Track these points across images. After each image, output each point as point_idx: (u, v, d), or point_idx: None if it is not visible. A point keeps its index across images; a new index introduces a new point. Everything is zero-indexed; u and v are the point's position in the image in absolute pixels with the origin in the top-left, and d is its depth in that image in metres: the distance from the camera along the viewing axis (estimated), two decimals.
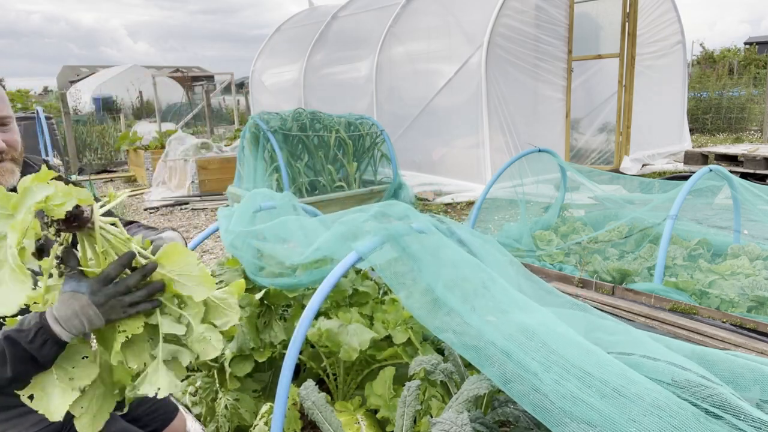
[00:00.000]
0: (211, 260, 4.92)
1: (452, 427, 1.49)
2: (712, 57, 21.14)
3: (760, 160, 7.23)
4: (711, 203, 4.46)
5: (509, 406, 1.69)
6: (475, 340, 1.29)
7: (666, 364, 1.21)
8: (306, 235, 2.07)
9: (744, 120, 13.27)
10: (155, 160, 8.95)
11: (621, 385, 1.10)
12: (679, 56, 9.42)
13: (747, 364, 1.27)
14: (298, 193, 6.20)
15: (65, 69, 47.87)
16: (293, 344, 1.56)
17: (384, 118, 8.61)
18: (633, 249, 4.06)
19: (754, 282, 3.24)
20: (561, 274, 3.81)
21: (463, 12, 8.10)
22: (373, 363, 2.26)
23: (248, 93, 15.27)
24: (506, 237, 4.54)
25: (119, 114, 18.61)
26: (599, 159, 8.86)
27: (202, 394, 2.32)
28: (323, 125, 6.56)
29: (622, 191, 5.19)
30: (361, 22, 10.20)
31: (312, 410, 1.77)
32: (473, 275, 1.47)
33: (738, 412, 1.03)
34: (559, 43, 7.90)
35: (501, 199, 5.18)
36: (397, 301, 2.31)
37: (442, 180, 7.73)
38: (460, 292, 1.42)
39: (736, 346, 2.77)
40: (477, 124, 7.37)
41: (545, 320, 1.32)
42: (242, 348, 2.15)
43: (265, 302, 2.27)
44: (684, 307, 3.14)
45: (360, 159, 6.85)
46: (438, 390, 1.99)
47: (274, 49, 12.39)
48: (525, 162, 4.63)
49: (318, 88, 10.48)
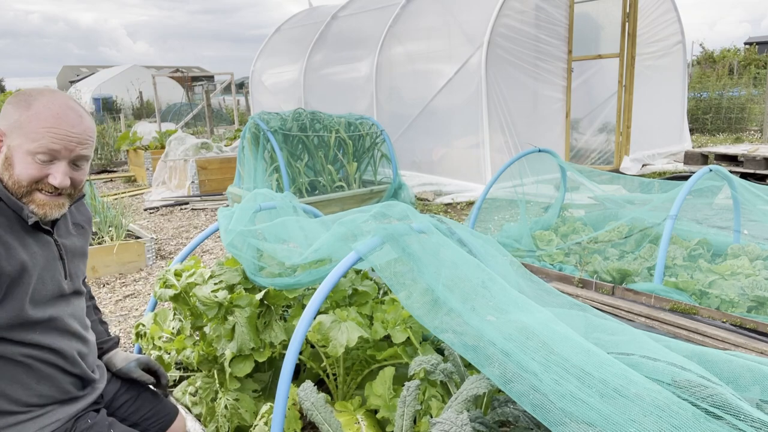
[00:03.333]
0: (211, 260, 4.92)
1: (452, 427, 1.49)
2: (712, 57, 21.13)
3: (760, 160, 7.23)
4: (711, 203, 4.46)
5: (509, 405, 1.69)
6: (474, 340, 1.29)
7: (666, 365, 1.21)
8: (306, 236, 2.08)
9: (744, 120, 13.26)
10: (155, 160, 8.96)
11: (621, 384, 1.10)
12: (679, 56, 9.42)
13: (747, 364, 1.27)
14: (298, 193, 6.20)
15: (65, 69, 47.89)
16: (293, 344, 1.56)
17: (384, 118, 8.61)
18: (633, 249, 4.06)
19: (754, 282, 3.24)
20: (561, 275, 3.81)
21: (463, 12, 8.10)
22: (373, 363, 2.26)
23: (248, 93, 15.27)
24: (506, 237, 4.54)
25: (119, 114, 18.61)
26: (599, 159, 8.86)
27: (202, 394, 2.32)
28: (323, 125, 6.56)
29: (622, 191, 5.19)
30: (361, 23, 10.20)
31: (311, 411, 1.77)
32: (473, 275, 1.47)
33: (738, 412, 1.03)
34: (559, 43, 7.90)
35: (501, 199, 5.18)
36: (396, 301, 2.31)
37: (442, 180, 7.73)
38: (459, 292, 1.42)
39: (736, 346, 2.77)
40: (477, 124, 7.38)
41: (545, 320, 1.32)
42: (242, 348, 2.15)
43: (265, 302, 2.27)
44: (684, 307, 3.14)
45: (360, 159, 6.85)
46: (438, 390, 1.99)
47: (274, 49, 12.40)
48: (525, 162, 4.63)
49: (318, 88, 10.48)
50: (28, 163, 1.25)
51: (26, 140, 1.23)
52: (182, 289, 2.38)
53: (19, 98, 1.26)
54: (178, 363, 2.72)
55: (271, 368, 2.38)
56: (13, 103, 1.25)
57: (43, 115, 1.24)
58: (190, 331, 2.57)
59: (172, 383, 2.64)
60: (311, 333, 2.10)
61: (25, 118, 1.23)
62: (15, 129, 1.23)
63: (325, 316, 2.17)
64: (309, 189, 6.38)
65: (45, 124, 1.24)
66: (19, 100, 1.26)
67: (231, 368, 2.15)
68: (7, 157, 1.26)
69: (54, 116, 1.25)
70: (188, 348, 2.65)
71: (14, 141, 1.24)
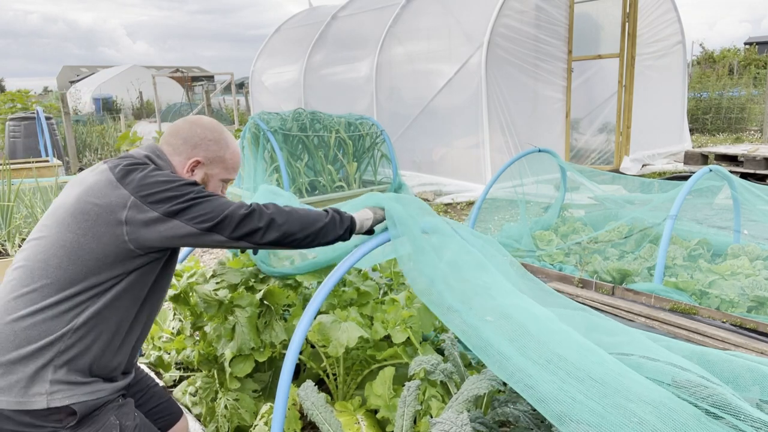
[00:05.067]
0: (211, 260, 4.92)
1: (452, 427, 1.49)
2: (712, 57, 21.11)
3: (760, 160, 7.23)
4: (711, 203, 4.46)
5: (509, 406, 1.69)
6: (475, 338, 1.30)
7: (665, 365, 1.21)
8: None
9: (744, 120, 13.26)
10: None
11: (621, 384, 1.10)
12: (679, 56, 9.42)
13: (747, 364, 1.27)
14: (298, 193, 6.20)
15: (65, 69, 47.91)
16: (293, 344, 1.56)
17: (384, 118, 8.61)
18: (633, 249, 4.06)
19: (754, 282, 3.24)
20: (561, 275, 3.81)
21: (462, 12, 8.10)
22: (373, 363, 2.26)
23: (248, 93, 15.27)
24: (506, 237, 4.54)
25: (119, 114, 18.62)
26: (599, 159, 8.86)
27: (202, 394, 2.32)
28: (323, 125, 6.56)
29: (622, 191, 5.19)
30: (361, 23, 10.20)
31: (311, 411, 1.77)
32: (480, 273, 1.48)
33: (738, 412, 1.03)
34: (559, 43, 7.90)
35: (501, 199, 5.18)
36: (396, 301, 2.31)
37: (442, 180, 7.74)
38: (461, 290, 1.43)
39: (736, 346, 2.77)
40: (477, 124, 7.38)
41: (544, 319, 1.33)
42: (242, 348, 2.15)
43: (266, 302, 2.27)
44: (684, 307, 3.14)
45: (360, 159, 6.85)
46: (438, 390, 1.99)
47: (274, 49, 12.40)
48: (525, 162, 4.63)
49: (318, 88, 10.48)
50: (216, 184, 1.66)
51: (223, 171, 1.63)
52: (182, 290, 2.38)
53: (216, 135, 1.62)
54: (178, 363, 2.72)
55: (271, 368, 2.38)
56: (213, 140, 1.60)
57: (236, 154, 1.68)
58: (190, 331, 2.57)
59: (172, 383, 2.64)
60: (311, 333, 2.10)
61: (228, 155, 1.63)
62: (217, 162, 1.61)
63: (325, 316, 2.17)
64: (309, 189, 6.38)
65: (236, 161, 1.68)
66: (218, 138, 1.62)
67: (231, 368, 2.15)
68: (203, 180, 1.62)
69: (238, 156, 1.70)
70: (188, 348, 2.65)
71: (213, 170, 1.61)
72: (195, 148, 1.57)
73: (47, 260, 1.37)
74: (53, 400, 1.33)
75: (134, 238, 1.36)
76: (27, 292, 1.36)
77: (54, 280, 1.36)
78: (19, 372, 1.33)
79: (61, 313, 1.35)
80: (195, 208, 1.39)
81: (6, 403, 1.31)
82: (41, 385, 1.33)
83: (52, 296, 1.35)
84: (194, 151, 1.57)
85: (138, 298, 1.47)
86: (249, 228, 1.42)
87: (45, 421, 1.34)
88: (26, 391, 1.32)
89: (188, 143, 1.57)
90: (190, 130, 1.58)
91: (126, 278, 1.41)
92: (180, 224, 1.37)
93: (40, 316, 1.34)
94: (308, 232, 1.49)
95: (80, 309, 1.37)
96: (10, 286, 1.39)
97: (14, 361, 1.33)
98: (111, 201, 1.37)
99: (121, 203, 1.36)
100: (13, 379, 1.32)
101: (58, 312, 1.35)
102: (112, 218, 1.36)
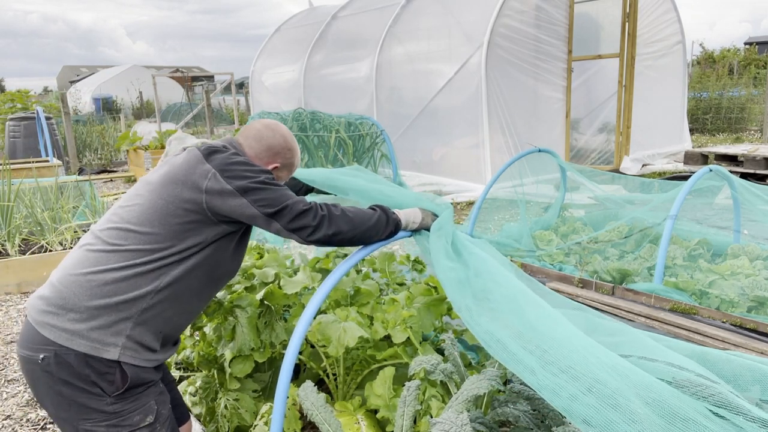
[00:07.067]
0: None
1: (452, 427, 1.49)
2: (712, 57, 21.10)
3: (760, 160, 7.24)
4: (711, 203, 4.46)
5: (509, 406, 1.69)
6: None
7: (666, 365, 1.21)
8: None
9: (744, 120, 13.26)
10: (155, 160, 8.96)
11: (621, 384, 1.10)
12: (679, 56, 9.42)
13: (747, 364, 1.27)
14: None
15: (65, 69, 47.91)
16: (293, 343, 1.56)
17: (384, 118, 8.61)
18: (633, 249, 4.06)
19: (754, 282, 3.24)
20: (561, 274, 3.81)
21: (463, 12, 8.10)
22: (373, 363, 2.26)
23: (248, 93, 15.27)
24: (506, 237, 4.54)
25: (119, 114, 18.62)
26: (599, 159, 8.86)
27: (202, 394, 2.32)
28: (323, 125, 6.57)
29: (622, 191, 5.19)
30: (361, 23, 10.20)
31: (311, 411, 1.77)
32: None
33: (738, 411, 1.03)
34: (559, 43, 7.90)
35: (501, 199, 5.18)
36: (396, 301, 2.31)
37: (442, 180, 7.74)
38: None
39: (736, 346, 2.77)
40: (477, 124, 7.38)
41: (545, 317, 1.33)
42: (242, 348, 2.15)
43: (266, 302, 2.27)
44: (684, 307, 3.14)
45: (360, 159, 6.85)
46: (438, 390, 1.99)
47: (274, 49, 12.40)
48: (525, 162, 4.63)
49: (318, 88, 10.48)
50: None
51: (288, 174, 1.85)
52: None
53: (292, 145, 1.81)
54: (178, 363, 2.72)
55: (271, 368, 2.38)
56: (290, 149, 1.80)
57: (299, 160, 1.90)
58: (190, 331, 2.57)
59: None
60: (311, 333, 2.10)
61: (296, 162, 1.86)
62: (288, 167, 1.83)
63: (325, 315, 2.17)
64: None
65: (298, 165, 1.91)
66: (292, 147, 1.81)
67: (231, 368, 2.15)
68: None
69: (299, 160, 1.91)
70: (188, 348, 2.65)
71: (283, 173, 1.82)
72: (276, 155, 1.77)
73: (141, 223, 1.52)
74: (124, 355, 1.45)
75: (211, 206, 1.54)
76: (119, 249, 1.50)
77: (146, 241, 1.51)
78: (102, 319, 1.45)
79: (149, 271, 1.50)
80: (263, 192, 1.55)
81: (79, 345, 1.42)
82: (118, 337, 1.45)
83: (142, 256, 1.50)
84: (275, 158, 1.77)
85: (209, 272, 1.63)
86: (302, 223, 1.56)
87: (100, 379, 1.44)
88: (104, 338, 1.44)
89: (271, 150, 1.76)
90: (273, 138, 1.77)
91: (203, 250, 1.58)
92: (247, 204, 1.53)
93: (130, 271, 1.48)
94: (354, 234, 1.64)
95: (164, 271, 1.52)
96: (101, 242, 1.53)
97: (99, 308, 1.45)
98: (196, 172, 1.55)
99: (204, 174, 1.55)
100: (94, 324, 1.44)
101: (146, 270, 1.50)
102: (196, 187, 1.54)
